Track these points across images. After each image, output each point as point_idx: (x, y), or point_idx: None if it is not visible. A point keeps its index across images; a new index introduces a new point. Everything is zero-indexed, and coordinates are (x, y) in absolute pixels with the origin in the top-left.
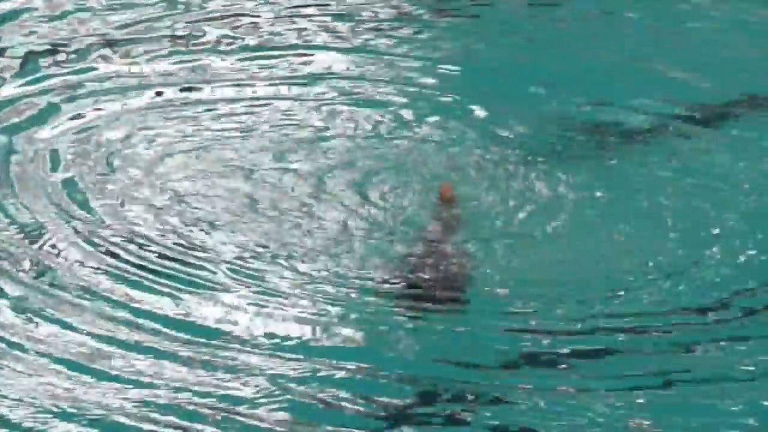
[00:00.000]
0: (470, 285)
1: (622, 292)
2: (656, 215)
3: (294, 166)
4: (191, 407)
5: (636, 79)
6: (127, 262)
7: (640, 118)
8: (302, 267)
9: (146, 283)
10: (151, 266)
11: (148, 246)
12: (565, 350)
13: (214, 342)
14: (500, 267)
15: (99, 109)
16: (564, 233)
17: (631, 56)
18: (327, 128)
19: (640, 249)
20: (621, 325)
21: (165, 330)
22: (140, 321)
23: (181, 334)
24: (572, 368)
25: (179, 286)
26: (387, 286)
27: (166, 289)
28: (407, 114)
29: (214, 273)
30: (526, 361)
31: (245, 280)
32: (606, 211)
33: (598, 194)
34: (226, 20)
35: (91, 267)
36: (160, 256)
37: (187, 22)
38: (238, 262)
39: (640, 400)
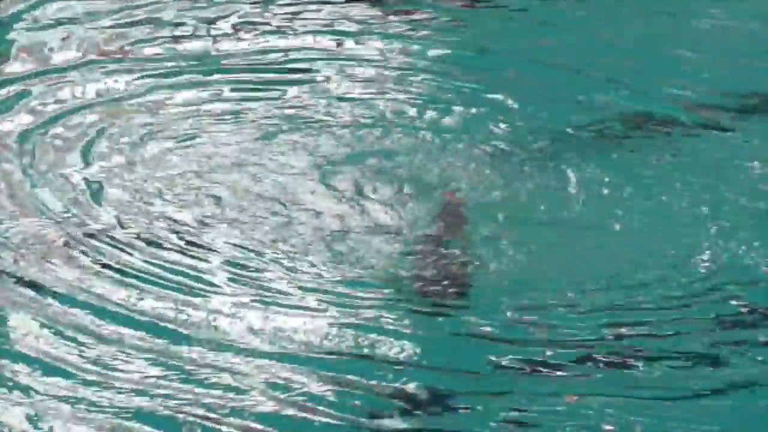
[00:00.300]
0: (474, 287)
1: (637, 297)
2: (682, 214)
3: (295, 160)
4: (181, 414)
5: (659, 66)
6: (110, 263)
7: (669, 106)
8: (299, 268)
9: (136, 283)
10: (139, 266)
11: (135, 244)
12: (575, 356)
13: (205, 346)
14: (507, 267)
15: (86, 100)
16: (580, 231)
17: (651, 42)
18: (335, 118)
19: (661, 251)
20: (635, 331)
21: (156, 332)
22: (129, 322)
23: (171, 337)
24: (583, 375)
25: (170, 287)
26: (388, 287)
27: (157, 289)
28: (420, 102)
29: (206, 273)
30: (532, 367)
31: (240, 280)
32: (629, 208)
33: (628, 190)
34: (223, 6)
35: (76, 266)
36: (147, 255)
37: (179, 10)
38: (233, 261)
39: (654, 410)
